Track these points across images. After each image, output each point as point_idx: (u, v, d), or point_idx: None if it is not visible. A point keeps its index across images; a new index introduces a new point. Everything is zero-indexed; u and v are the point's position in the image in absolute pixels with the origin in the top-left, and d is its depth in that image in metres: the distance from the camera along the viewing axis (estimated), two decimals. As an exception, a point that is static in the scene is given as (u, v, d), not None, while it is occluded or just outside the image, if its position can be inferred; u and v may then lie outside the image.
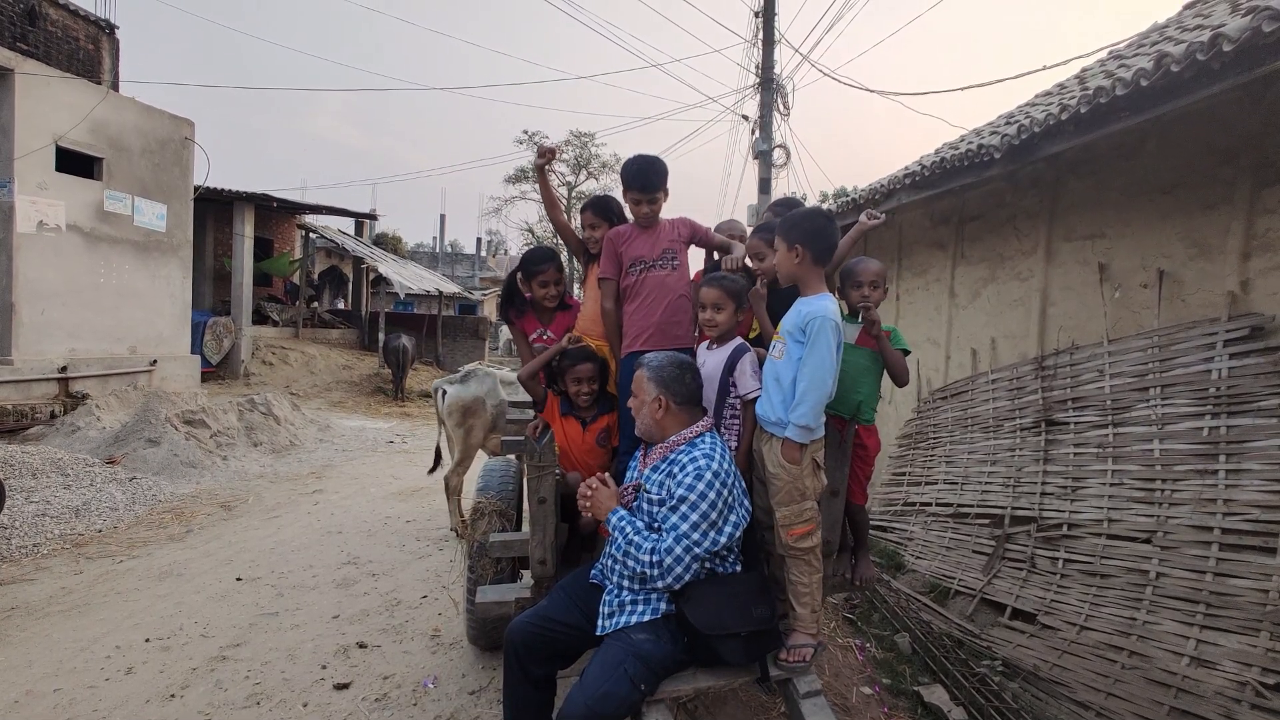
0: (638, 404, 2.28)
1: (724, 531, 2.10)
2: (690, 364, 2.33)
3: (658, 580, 2.08)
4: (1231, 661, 2.98)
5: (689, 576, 2.09)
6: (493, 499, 3.22)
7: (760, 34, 10.78)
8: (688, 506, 2.06)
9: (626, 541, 2.14)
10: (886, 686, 3.48)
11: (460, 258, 38.71)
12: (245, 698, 2.96)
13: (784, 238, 2.28)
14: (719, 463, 2.13)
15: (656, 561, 2.06)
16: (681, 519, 2.07)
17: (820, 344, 2.12)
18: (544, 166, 3.10)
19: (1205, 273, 3.60)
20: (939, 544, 4.93)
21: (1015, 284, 5.04)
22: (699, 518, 2.06)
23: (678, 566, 2.06)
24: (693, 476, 2.08)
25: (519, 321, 3.19)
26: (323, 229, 19.13)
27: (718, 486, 2.08)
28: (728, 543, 2.13)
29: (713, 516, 2.07)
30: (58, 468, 6.46)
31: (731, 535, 2.13)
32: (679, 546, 2.05)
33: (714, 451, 2.16)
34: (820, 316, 2.13)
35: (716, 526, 2.08)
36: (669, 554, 2.05)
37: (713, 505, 2.07)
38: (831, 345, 2.13)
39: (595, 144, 27.41)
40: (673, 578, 2.07)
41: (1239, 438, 3.27)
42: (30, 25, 10.01)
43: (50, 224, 8.80)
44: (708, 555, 2.11)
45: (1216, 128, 3.53)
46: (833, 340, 2.13)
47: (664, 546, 2.07)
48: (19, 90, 8.34)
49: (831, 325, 2.13)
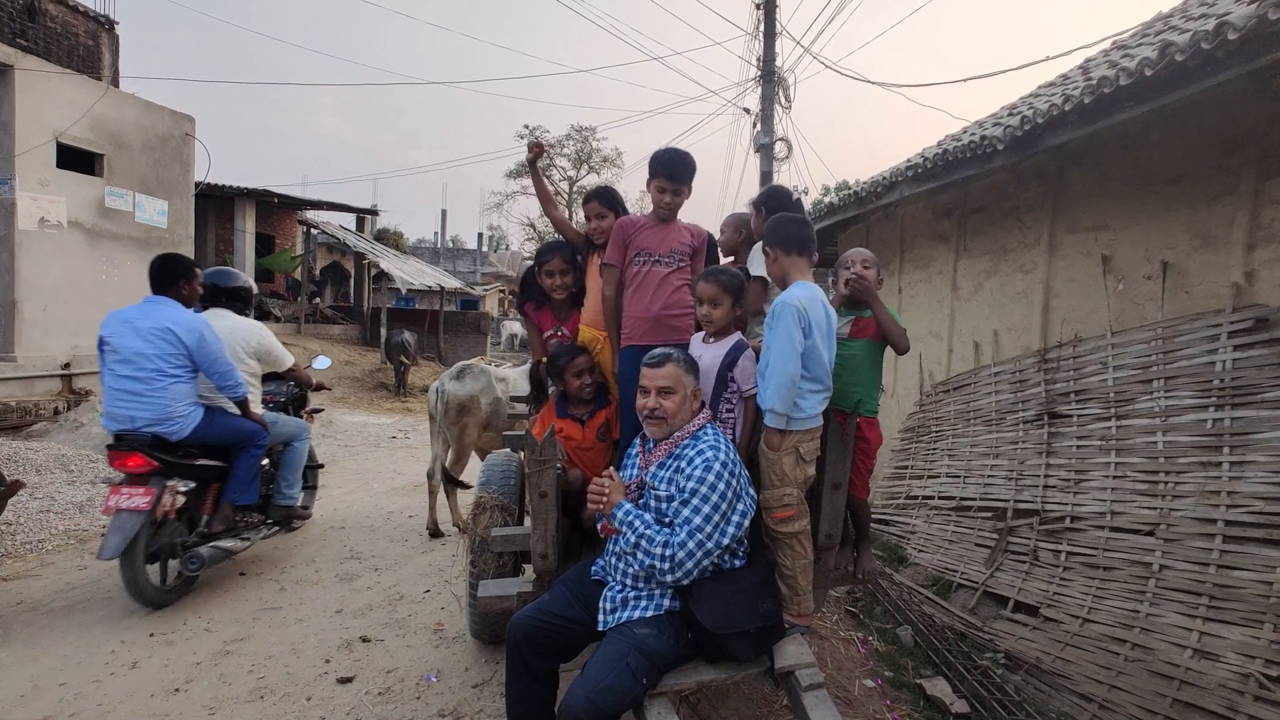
0: (678, 398, 2.22)
1: (733, 522, 2.12)
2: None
3: (667, 575, 2.08)
4: (1235, 654, 2.98)
5: (698, 573, 2.09)
6: (494, 494, 3.22)
7: (762, 26, 10.73)
8: (699, 499, 2.07)
9: (637, 535, 2.11)
10: (889, 679, 3.48)
11: (462, 253, 38.66)
12: (249, 692, 2.97)
13: (764, 247, 2.49)
14: (725, 453, 2.16)
15: (669, 555, 2.06)
16: (694, 512, 2.07)
17: (779, 329, 2.18)
18: (535, 162, 3.10)
19: (1209, 264, 3.58)
20: (941, 537, 4.93)
21: (1018, 276, 5.02)
22: (710, 509, 2.07)
23: (689, 561, 2.06)
24: (702, 469, 2.11)
25: (535, 315, 3.19)
26: (324, 225, 19.12)
27: (726, 476, 2.11)
28: (736, 533, 2.14)
29: (723, 508, 2.09)
30: (62, 464, 6.48)
31: (740, 525, 2.14)
32: (691, 541, 2.05)
33: (719, 443, 2.20)
34: (780, 303, 2.21)
35: (726, 517, 2.10)
36: (681, 548, 2.05)
37: (723, 496, 2.09)
38: (790, 329, 2.17)
39: (596, 138, 27.34)
40: (683, 572, 2.07)
41: (1243, 430, 3.26)
42: (30, 21, 9.99)
43: (52, 221, 8.79)
44: (718, 550, 2.11)
45: (1221, 117, 3.50)
46: (793, 325, 2.17)
47: (677, 541, 2.06)
48: (19, 86, 8.32)
49: (792, 311, 2.18)
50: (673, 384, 2.21)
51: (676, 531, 2.08)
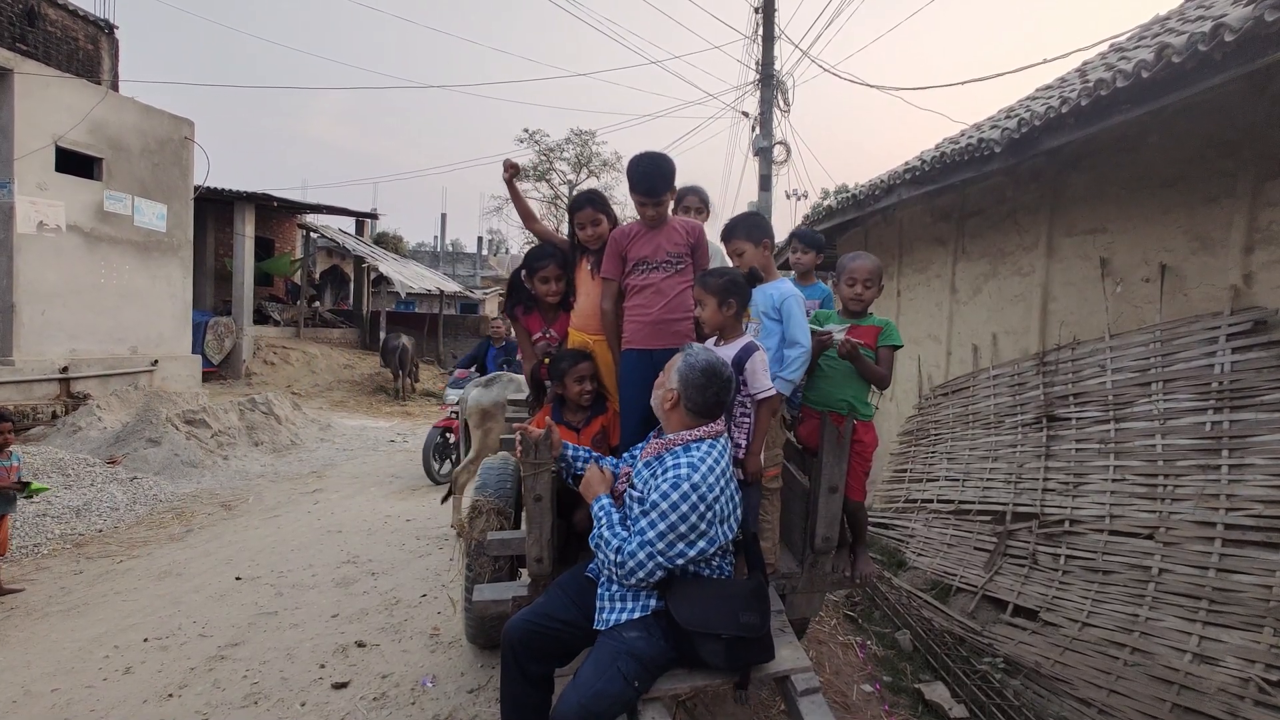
0: (658, 384, 2.25)
1: (695, 545, 2.02)
2: (725, 378, 2.15)
3: (622, 578, 2.06)
4: (1235, 658, 2.96)
5: (653, 580, 2.05)
6: (491, 497, 3.21)
7: (760, 30, 10.74)
8: (657, 514, 2.01)
9: (597, 534, 2.13)
10: (887, 684, 3.46)
11: (461, 256, 38.64)
12: (243, 697, 2.96)
13: (749, 238, 2.73)
14: (702, 475, 2.01)
15: (620, 562, 2.04)
16: (650, 525, 2.02)
17: (795, 317, 2.54)
18: (511, 180, 3.07)
19: (1207, 267, 3.57)
20: (940, 541, 4.91)
21: (1016, 279, 5.02)
22: (666, 528, 1.99)
23: (640, 571, 2.02)
24: (669, 485, 2.02)
25: (524, 319, 3.18)
26: (323, 229, 19.12)
27: (693, 499, 1.99)
28: (698, 556, 2.05)
29: (681, 529, 1.99)
30: (59, 468, 6.46)
31: (704, 551, 2.04)
32: (641, 552, 2.01)
33: (701, 462, 2.04)
34: (790, 296, 2.57)
35: (687, 539, 2.01)
36: (631, 557, 2.02)
37: (683, 518, 1.98)
38: (802, 314, 2.57)
39: (596, 142, 27.31)
40: (635, 580, 2.04)
41: (1242, 432, 3.24)
42: (29, 25, 10.01)
43: (50, 224, 8.80)
44: (673, 565, 2.04)
45: (1219, 120, 3.50)
46: (801, 310, 2.57)
47: (628, 549, 2.03)
48: (18, 90, 8.33)
49: (797, 300, 2.58)
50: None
51: (630, 539, 2.06)
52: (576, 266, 3.01)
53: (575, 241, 2.97)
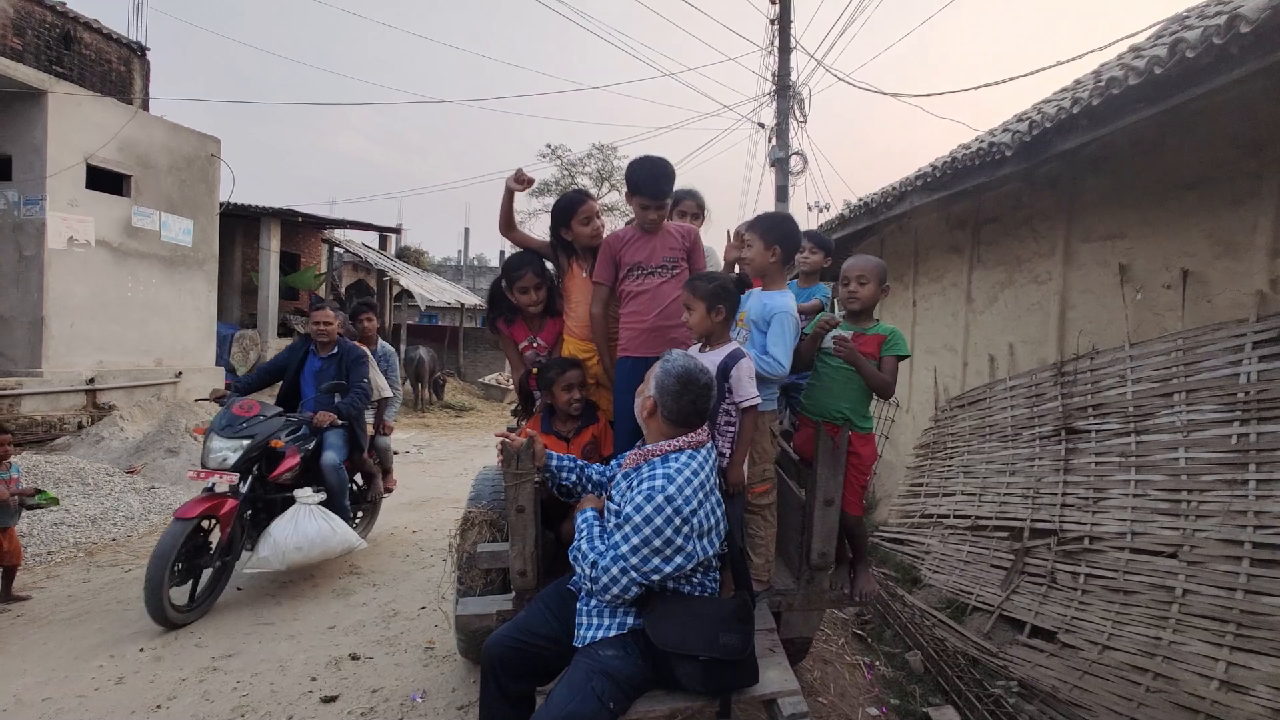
0: (639, 391, 2.22)
1: (672, 561, 1.95)
2: (704, 387, 2.08)
3: (598, 594, 2.00)
4: (1265, 686, 2.78)
5: (629, 596, 1.98)
6: (484, 508, 3.16)
7: (776, 41, 10.71)
8: (631, 528, 1.95)
9: (576, 547, 2.09)
10: (894, 707, 3.32)
11: (485, 270, 39.03)
12: (231, 710, 2.92)
13: (762, 238, 2.57)
14: (678, 488, 1.94)
15: (594, 577, 1.99)
16: (624, 539, 1.96)
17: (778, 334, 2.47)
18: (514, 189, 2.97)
19: (1232, 272, 3.41)
20: (957, 558, 4.73)
21: (1033, 287, 4.86)
22: (640, 542, 1.93)
23: (614, 586, 1.96)
24: (643, 497, 1.95)
25: (508, 330, 3.14)
26: (346, 243, 19.45)
27: (668, 512, 1.91)
28: (675, 572, 1.97)
29: (656, 543, 1.92)
30: (79, 477, 6.58)
31: (681, 567, 1.96)
32: (614, 567, 1.96)
33: (678, 474, 1.97)
34: (783, 312, 2.49)
35: (662, 554, 1.94)
36: (605, 572, 1.97)
37: (657, 532, 1.91)
38: (789, 331, 2.49)
39: (617, 156, 27.43)
40: (610, 595, 1.98)
41: (1270, 445, 3.07)
42: (65, 49, 10.36)
43: (80, 240, 9.04)
44: (648, 581, 1.96)
45: (1241, 119, 3.35)
46: (790, 328, 2.49)
47: (602, 564, 1.98)
48: (51, 110, 8.60)
49: (790, 318, 2.50)
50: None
51: (605, 553, 2.00)
52: (569, 273, 2.96)
53: (561, 241, 2.92)
